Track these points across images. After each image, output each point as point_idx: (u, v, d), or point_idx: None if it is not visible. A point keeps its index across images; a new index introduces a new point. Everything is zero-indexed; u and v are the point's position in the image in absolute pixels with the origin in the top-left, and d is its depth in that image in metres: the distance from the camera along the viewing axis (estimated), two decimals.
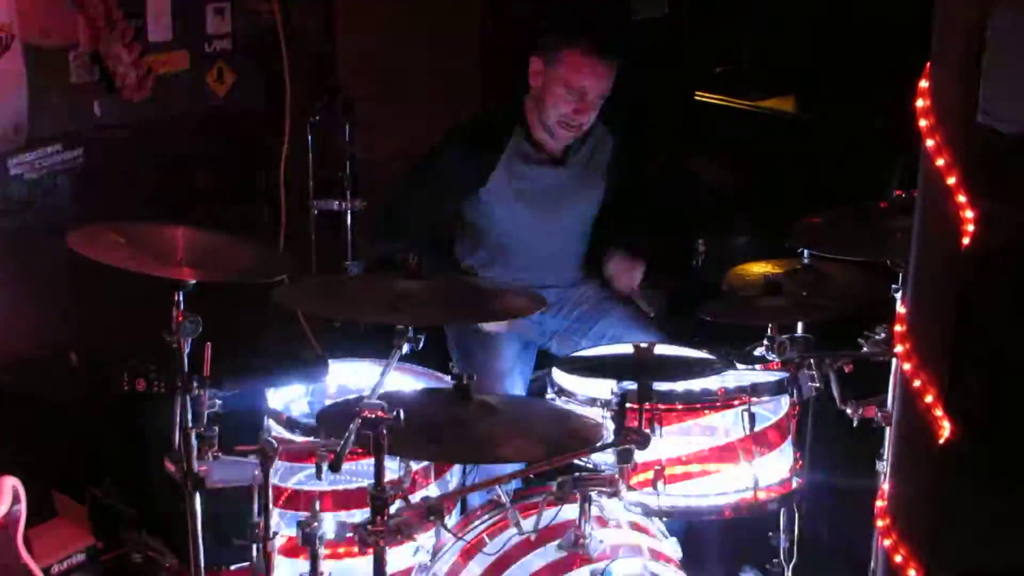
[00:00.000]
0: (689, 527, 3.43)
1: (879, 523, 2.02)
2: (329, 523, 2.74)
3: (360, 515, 2.78)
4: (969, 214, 1.81)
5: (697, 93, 5.80)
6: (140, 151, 4.24)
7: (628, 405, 2.92)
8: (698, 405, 3.18)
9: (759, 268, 3.43)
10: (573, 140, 3.96)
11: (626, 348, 3.17)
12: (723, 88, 5.79)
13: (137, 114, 4.17)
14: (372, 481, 2.53)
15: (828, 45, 5.52)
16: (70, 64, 3.98)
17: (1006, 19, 1.83)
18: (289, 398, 3.36)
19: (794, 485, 3.25)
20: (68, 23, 3.92)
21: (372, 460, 2.52)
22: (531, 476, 3.03)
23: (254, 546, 2.83)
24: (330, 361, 3.27)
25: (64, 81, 3.98)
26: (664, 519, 3.14)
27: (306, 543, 2.70)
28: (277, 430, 3.19)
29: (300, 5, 4.71)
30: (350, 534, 2.57)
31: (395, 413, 2.46)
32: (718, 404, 3.18)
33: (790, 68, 5.70)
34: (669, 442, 3.14)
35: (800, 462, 3.31)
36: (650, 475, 3.06)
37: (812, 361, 3.16)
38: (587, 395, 3.23)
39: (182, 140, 4.38)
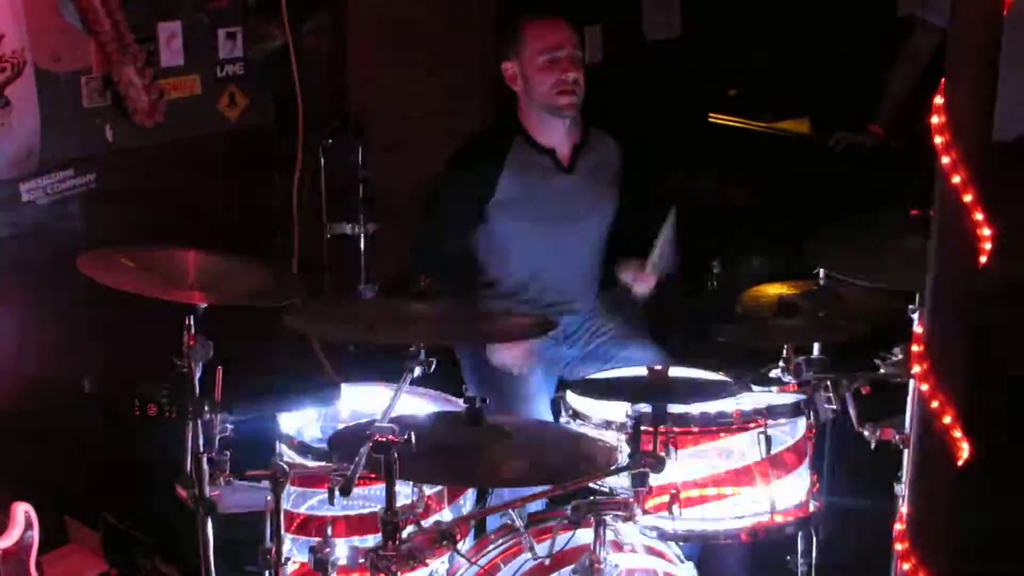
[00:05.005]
0: (705, 551, 3.41)
1: (898, 546, 2.00)
2: (342, 549, 2.71)
3: (373, 540, 2.76)
4: (986, 232, 1.78)
5: (711, 115, 5.80)
6: (152, 176, 4.24)
7: (643, 428, 2.90)
8: (713, 428, 3.16)
9: (774, 289, 3.41)
10: (578, 145, 3.97)
11: (640, 370, 3.15)
12: (737, 110, 5.78)
13: (149, 139, 4.17)
14: (383, 506, 2.51)
15: (841, 65, 5.52)
16: (82, 89, 3.98)
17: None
18: (301, 422, 3.34)
19: (811, 508, 3.22)
20: (80, 48, 3.93)
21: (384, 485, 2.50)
22: (545, 500, 3.00)
23: (266, 572, 2.81)
24: (343, 385, 3.26)
25: (76, 106, 3.99)
26: (680, 543, 3.11)
27: (318, 569, 2.68)
28: (289, 455, 3.17)
29: (311, 29, 4.71)
30: (362, 560, 2.55)
31: (406, 437, 2.44)
32: (734, 427, 3.16)
33: (804, 89, 5.70)
34: (684, 465, 3.11)
35: (817, 485, 3.28)
36: (665, 499, 3.04)
37: (829, 383, 3.13)
38: (601, 418, 3.21)
39: (194, 164, 4.38)
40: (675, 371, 3.16)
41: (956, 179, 1.76)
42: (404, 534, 2.52)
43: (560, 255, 3.96)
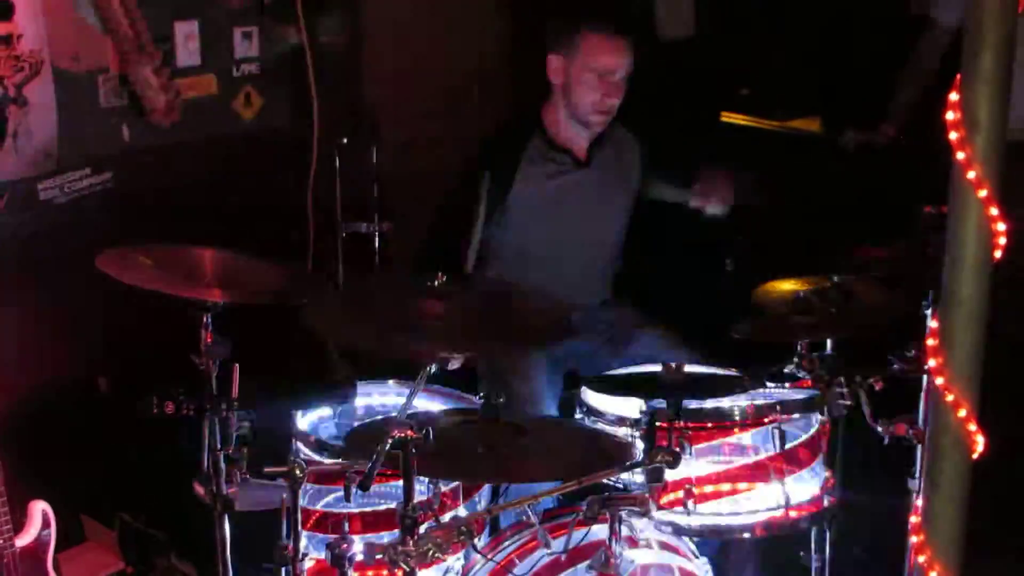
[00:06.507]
0: (720, 546, 3.41)
1: (913, 539, 2.01)
2: (358, 545, 2.73)
3: (388, 537, 2.77)
4: (1001, 227, 1.79)
5: (723, 114, 5.80)
6: (169, 175, 4.25)
7: (658, 424, 2.91)
8: (728, 423, 3.17)
9: (788, 286, 3.42)
10: (595, 139, 3.97)
11: (655, 367, 3.16)
12: (749, 109, 5.78)
13: (166, 138, 4.18)
14: (401, 502, 2.52)
15: (852, 64, 5.52)
16: (99, 89, 3.99)
17: None
18: (317, 420, 3.36)
19: (825, 503, 3.23)
20: (97, 48, 3.94)
21: (400, 482, 2.51)
22: (561, 496, 3.02)
23: (283, 569, 2.83)
24: (358, 383, 3.27)
25: (93, 106, 4.00)
26: (695, 538, 3.12)
27: (335, 565, 2.70)
28: (305, 452, 3.19)
29: (327, 28, 4.72)
30: (380, 556, 2.56)
31: (424, 432, 2.45)
32: (748, 422, 3.17)
33: (815, 88, 5.70)
34: (699, 461, 3.13)
35: (831, 480, 3.29)
36: (680, 494, 3.06)
37: (842, 379, 3.14)
38: (616, 414, 3.22)
39: (210, 164, 4.39)
40: (689, 367, 3.17)
41: (971, 175, 1.77)
42: (421, 530, 2.53)
43: (574, 250, 3.97)
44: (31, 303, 3.94)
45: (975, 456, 1.90)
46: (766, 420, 3.15)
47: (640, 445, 2.93)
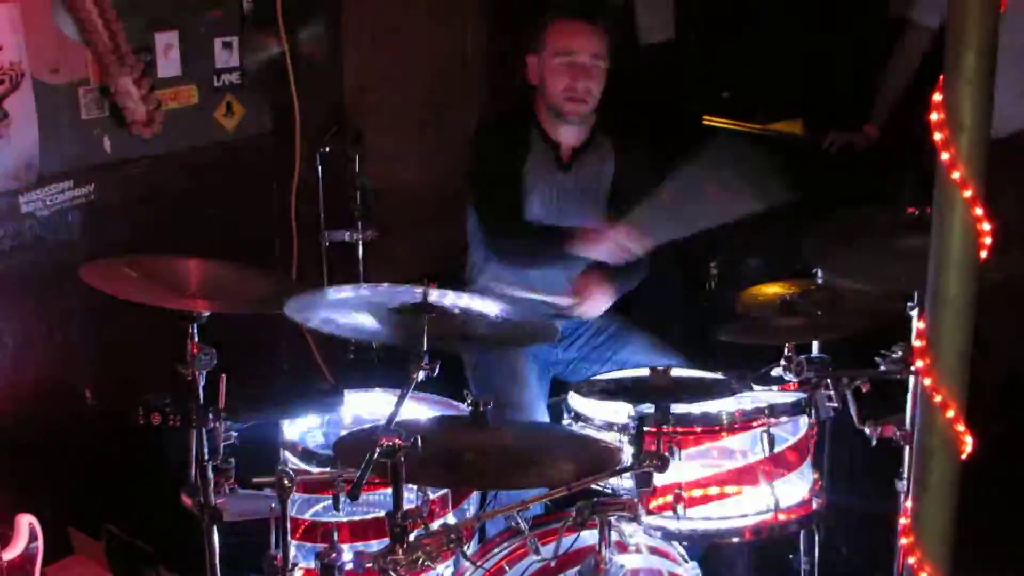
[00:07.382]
0: (709, 551, 3.41)
1: (903, 541, 2.01)
2: (348, 554, 2.72)
3: (377, 545, 2.76)
4: (986, 227, 1.79)
5: (705, 117, 5.81)
6: (151, 186, 4.24)
7: (646, 429, 2.91)
8: (716, 427, 3.17)
9: (773, 289, 3.42)
10: (581, 145, 3.97)
11: (642, 372, 3.16)
12: (731, 112, 5.79)
13: (147, 149, 4.17)
14: (389, 510, 2.52)
15: (833, 66, 5.53)
16: (80, 100, 3.98)
17: None
18: (304, 429, 3.35)
19: (814, 506, 3.23)
20: (77, 59, 3.93)
21: (388, 490, 2.51)
22: (550, 502, 3.02)
23: None
24: (344, 391, 3.26)
25: (74, 117, 3.98)
26: (684, 543, 3.12)
27: (325, 575, 2.69)
28: (293, 462, 3.18)
29: (308, 37, 4.72)
30: (369, 564, 2.56)
31: (413, 440, 2.45)
32: (736, 426, 3.17)
33: (797, 90, 5.71)
34: (688, 465, 3.13)
35: (820, 483, 3.29)
36: (669, 499, 3.06)
37: (829, 381, 3.14)
38: (604, 420, 3.23)
39: (193, 174, 4.38)
40: (677, 372, 3.17)
41: (955, 175, 1.77)
42: (411, 538, 2.52)
43: None
44: (14, 316, 3.92)
45: (963, 457, 1.91)
46: (754, 424, 3.15)
47: (628, 450, 2.93)
